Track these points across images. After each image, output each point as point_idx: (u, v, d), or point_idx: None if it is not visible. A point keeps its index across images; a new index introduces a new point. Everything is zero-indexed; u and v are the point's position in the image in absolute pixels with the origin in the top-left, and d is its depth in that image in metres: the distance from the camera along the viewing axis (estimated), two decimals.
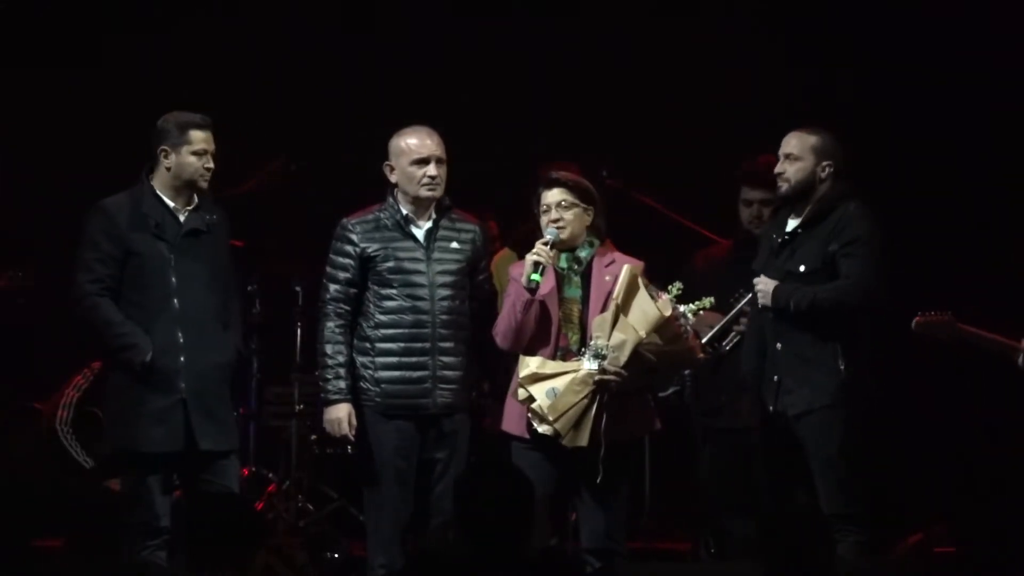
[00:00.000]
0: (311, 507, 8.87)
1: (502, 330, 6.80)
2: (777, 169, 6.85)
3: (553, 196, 6.80)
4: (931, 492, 8.68)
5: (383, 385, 6.92)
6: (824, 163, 6.78)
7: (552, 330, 6.77)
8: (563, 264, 6.81)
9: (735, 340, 7.52)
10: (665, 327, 6.61)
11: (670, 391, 7.87)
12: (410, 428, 6.92)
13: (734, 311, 7.48)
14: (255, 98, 9.27)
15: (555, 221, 6.77)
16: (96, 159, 9.00)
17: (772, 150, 7.04)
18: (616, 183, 8.44)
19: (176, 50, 9.39)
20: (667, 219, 8.71)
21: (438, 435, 6.95)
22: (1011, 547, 7.25)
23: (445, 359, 6.92)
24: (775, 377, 6.79)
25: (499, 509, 5.15)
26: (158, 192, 6.90)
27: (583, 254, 6.82)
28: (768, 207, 7.62)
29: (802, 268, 6.71)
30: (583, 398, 6.63)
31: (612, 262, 6.81)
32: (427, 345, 6.91)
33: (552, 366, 6.69)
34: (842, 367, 6.66)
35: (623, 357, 6.60)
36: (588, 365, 6.65)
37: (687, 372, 7.86)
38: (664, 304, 6.62)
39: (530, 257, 6.71)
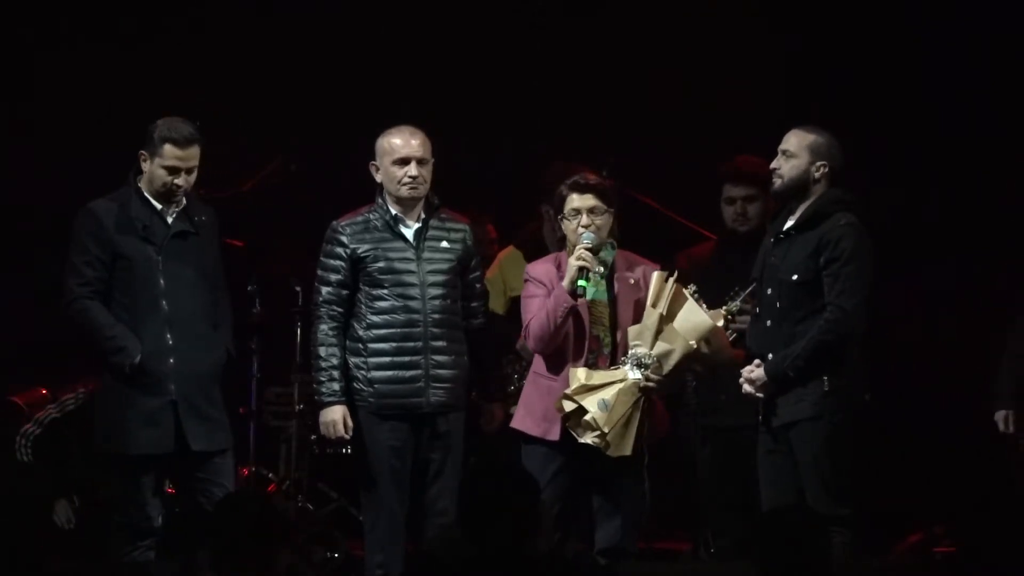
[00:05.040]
0: (311, 507, 8.87)
1: (537, 334, 6.74)
2: (772, 165, 6.82)
3: (586, 201, 6.78)
4: (931, 492, 8.67)
5: (376, 385, 6.92)
6: (819, 163, 6.74)
7: (584, 333, 6.75)
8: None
9: (732, 338, 7.49)
10: (714, 336, 6.61)
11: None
12: (405, 428, 6.92)
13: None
14: (254, 98, 9.26)
15: (586, 226, 6.75)
16: (87, 151, 9.03)
17: (772, 149, 7.03)
18: (616, 183, 8.41)
19: (176, 50, 9.39)
20: (667, 219, 8.70)
21: (433, 435, 6.95)
22: (1011, 547, 7.24)
23: (438, 358, 6.92)
24: None
25: (503, 510, 5.14)
26: (145, 194, 6.89)
27: (607, 257, 6.81)
28: (751, 203, 7.66)
29: (795, 277, 6.68)
30: (628, 408, 6.63)
31: (630, 263, 6.84)
32: (419, 344, 6.91)
33: (599, 376, 6.67)
34: (825, 379, 6.64)
35: (668, 366, 6.60)
36: (631, 374, 6.64)
37: None
38: (715, 314, 6.62)
39: (574, 262, 6.69)
